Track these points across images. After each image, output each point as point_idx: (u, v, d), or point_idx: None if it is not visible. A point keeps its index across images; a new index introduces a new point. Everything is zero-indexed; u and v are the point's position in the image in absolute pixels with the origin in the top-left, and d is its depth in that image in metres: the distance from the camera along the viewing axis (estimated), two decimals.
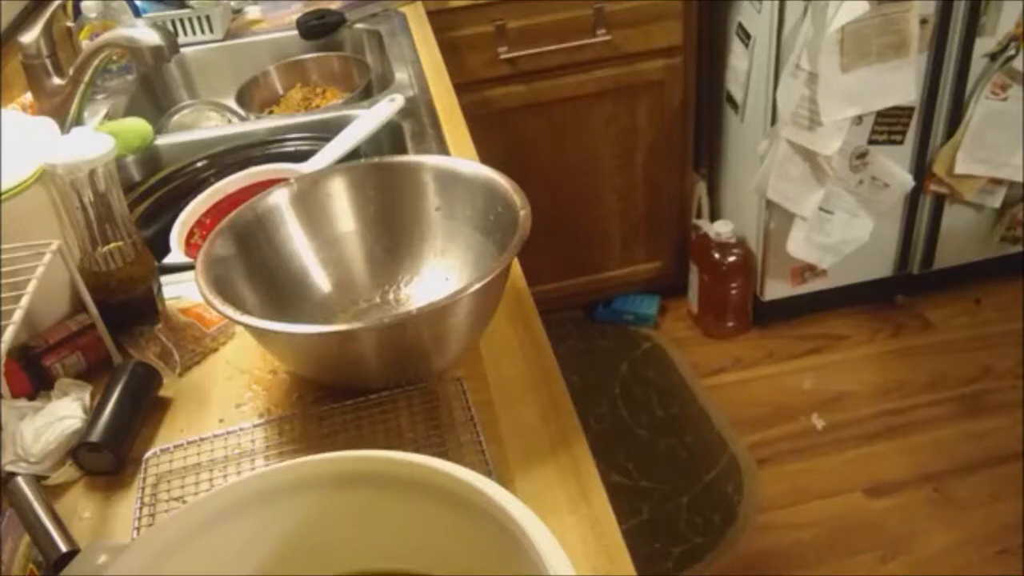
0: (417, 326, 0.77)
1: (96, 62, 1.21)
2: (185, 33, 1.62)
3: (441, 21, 1.76)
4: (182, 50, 1.47)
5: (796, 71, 1.85)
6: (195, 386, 0.88)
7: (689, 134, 2.18)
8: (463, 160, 1.01)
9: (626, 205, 2.24)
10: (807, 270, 2.19)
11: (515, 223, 0.82)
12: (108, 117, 1.39)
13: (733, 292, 2.23)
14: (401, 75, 1.44)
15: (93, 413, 0.80)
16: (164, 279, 0.96)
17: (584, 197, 2.19)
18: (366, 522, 0.56)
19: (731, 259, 2.18)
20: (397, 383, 0.81)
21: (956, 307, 2.28)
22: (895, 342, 2.22)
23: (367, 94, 1.45)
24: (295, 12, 1.68)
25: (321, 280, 0.94)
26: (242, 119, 1.49)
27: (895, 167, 2.04)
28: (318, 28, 1.62)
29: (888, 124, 1.99)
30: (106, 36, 1.19)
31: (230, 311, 0.77)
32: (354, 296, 0.95)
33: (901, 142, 2.03)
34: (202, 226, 1.11)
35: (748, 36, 1.99)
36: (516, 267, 0.94)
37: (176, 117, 1.52)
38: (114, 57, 1.47)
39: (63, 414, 0.79)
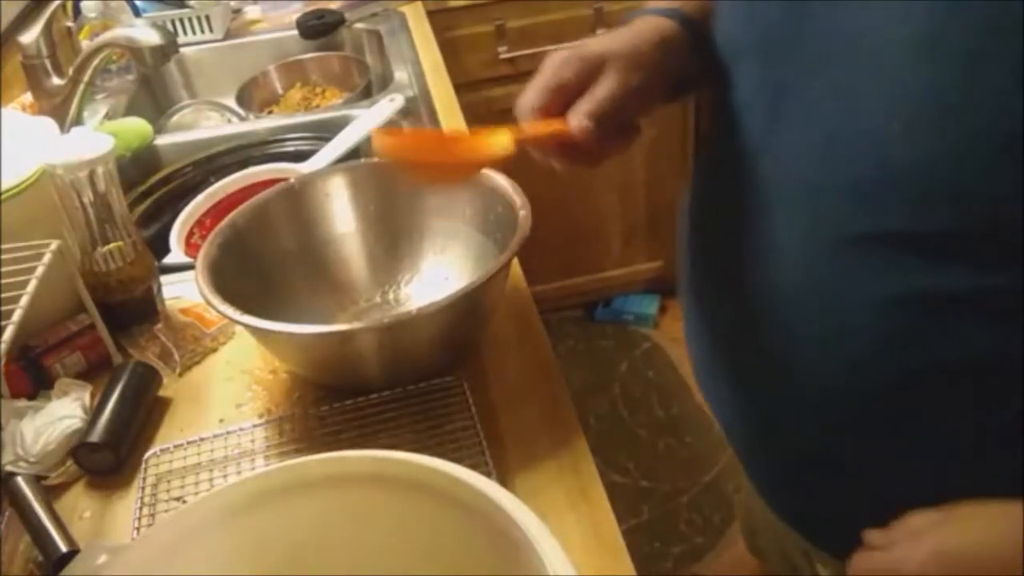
0: (417, 326, 0.77)
1: (96, 62, 1.21)
2: (185, 33, 1.62)
3: (441, 21, 1.76)
4: (182, 50, 1.47)
5: None
6: (195, 386, 0.88)
7: (689, 134, 2.18)
8: None
9: (626, 205, 2.24)
10: None
11: (515, 223, 0.82)
12: (108, 117, 1.39)
13: None
14: (401, 75, 1.43)
15: (93, 413, 0.80)
16: (164, 279, 0.96)
17: (584, 197, 2.19)
18: (366, 522, 0.56)
19: None
20: (397, 383, 0.81)
21: None
22: None
23: (367, 94, 1.45)
24: (295, 12, 1.67)
25: (321, 280, 0.94)
26: (242, 119, 1.48)
27: None
28: (318, 28, 1.62)
29: None
30: (106, 36, 1.19)
31: (230, 311, 0.77)
32: (354, 296, 0.95)
33: None
34: (202, 226, 1.11)
35: None
36: (516, 267, 0.94)
37: (176, 117, 1.52)
38: (114, 57, 1.46)
39: (63, 414, 0.79)
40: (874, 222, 0.51)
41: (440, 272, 0.94)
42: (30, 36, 1.21)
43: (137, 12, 1.60)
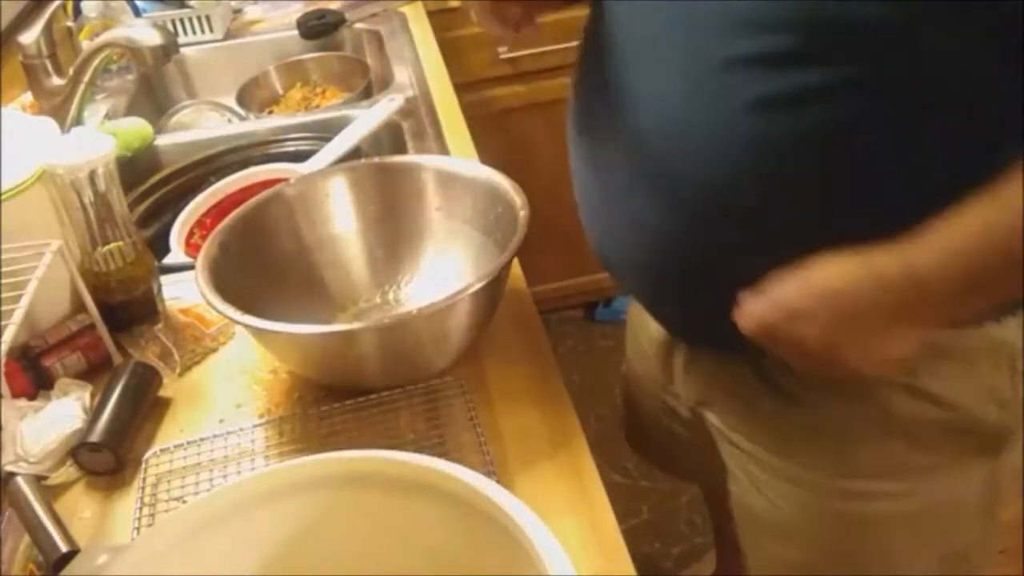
0: (417, 326, 0.78)
1: (96, 62, 1.21)
2: (185, 33, 1.62)
3: (441, 21, 1.75)
4: (182, 50, 1.47)
5: None
6: (195, 386, 0.88)
7: None
8: (463, 160, 1.01)
9: None
10: None
11: (515, 223, 0.82)
12: (108, 117, 1.39)
13: None
14: (401, 75, 1.43)
15: (93, 413, 0.80)
16: (164, 279, 0.96)
17: None
18: (367, 522, 0.56)
19: None
20: (397, 383, 0.81)
21: None
22: None
23: (367, 94, 1.45)
24: (295, 12, 1.67)
25: (321, 280, 0.94)
26: (242, 119, 1.48)
27: None
28: (318, 28, 1.62)
29: None
30: (106, 36, 1.19)
31: (230, 311, 0.77)
32: (354, 296, 0.95)
33: None
34: (202, 226, 1.11)
35: None
36: (516, 267, 0.94)
37: (176, 117, 1.52)
38: (114, 57, 1.46)
39: (63, 414, 0.79)
40: (736, 48, 0.65)
41: (440, 272, 0.94)
42: (30, 36, 1.21)
43: (137, 12, 1.60)
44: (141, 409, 0.82)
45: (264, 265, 0.90)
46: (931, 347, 0.69)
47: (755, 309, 0.67)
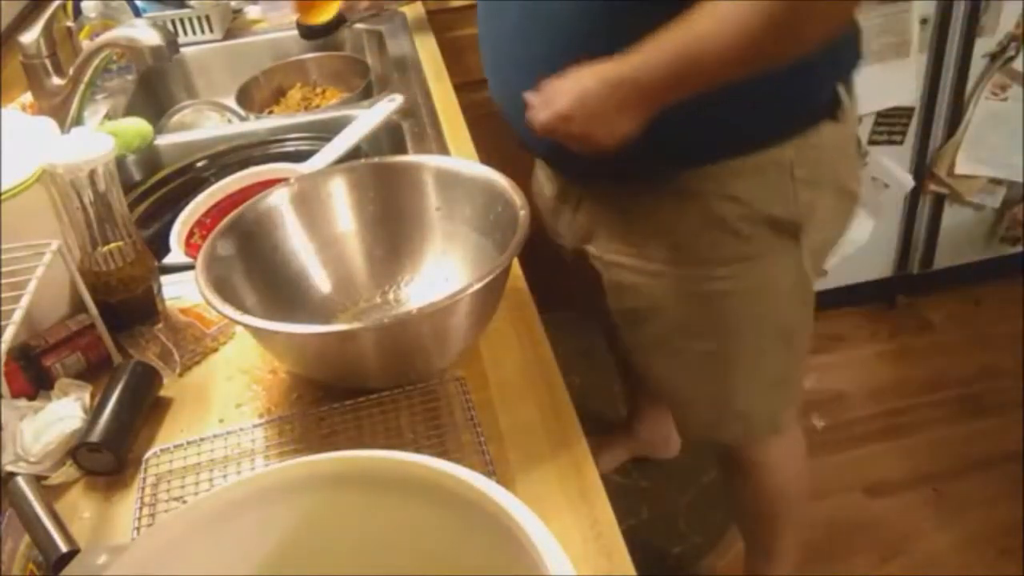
0: (417, 326, 0.77)
1: (96, 62, 1.21)
2: (185, 33, 1.62)
3: (441, 21, 1.75)
4: (182, 50, 1.47)
5: None
6: (195, 386, 0.88)
7: None
8: (463, 160, 1.01)
9: None
10: None
11: (515, 223, 0.82)
12: (108, 117, 1.39)
13: None
14: (401, 75, 1.43)
15: (93, 413, 0.80)
16: (164, 279, 0.96)
17: None
18: (365, 522, 0.56)
19: None
20: (397, 383, 0.81)
21: (956, 307, 2.27)
22: (894, 342, 2.21)
23: (367, 94, 1.45)
24: (295, 12, 1.67)
25: (321, 280, 0.94)
26: (242, 119, 1.48)
27: (895, 167, 2.03)
28: (318, 28, 1.62)
29: (888, 124, 1.99)
30: (106, 36, 1.19)
31: (230, 311, 0.77)
32: (354, 296, 0.95)
33: (901, 142, 2.03)
34: (202, 226, 1.11)
35: None
36: (516, 267, 0.94)
37: (176, 117, 1.52)
38: (114, 57, 1.47)
39: (63, 414, 0.79)
40: None
41: (439, 272, 0.94)
42: (30, 36, 1.21)
43: (137, 12, 1.60)
44: (141, 409, 0.82)
45: (264, 265, 0.90)
46: (735, 166, 0.98)
47: (538, 116, 0.91)
